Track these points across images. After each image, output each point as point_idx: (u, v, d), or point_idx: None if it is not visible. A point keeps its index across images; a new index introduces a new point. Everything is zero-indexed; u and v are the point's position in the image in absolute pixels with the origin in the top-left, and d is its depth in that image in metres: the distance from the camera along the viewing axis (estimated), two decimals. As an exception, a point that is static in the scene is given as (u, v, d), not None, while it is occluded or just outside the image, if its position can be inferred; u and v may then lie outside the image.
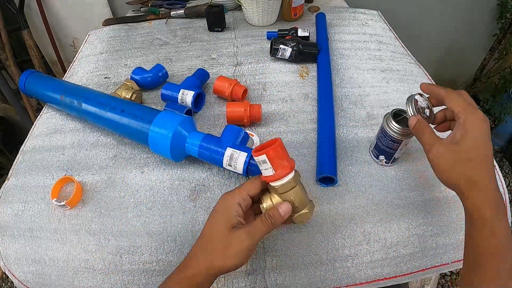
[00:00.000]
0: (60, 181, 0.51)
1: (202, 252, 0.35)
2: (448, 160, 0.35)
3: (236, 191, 0.37)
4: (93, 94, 0.57)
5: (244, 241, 0.33)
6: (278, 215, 0.35)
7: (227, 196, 0.36)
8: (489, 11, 1.38)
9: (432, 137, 0.37)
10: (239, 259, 0.34)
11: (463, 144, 0.34)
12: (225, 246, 0.33)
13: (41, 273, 0.45)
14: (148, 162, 0.54)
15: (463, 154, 0.34)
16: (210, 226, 0.35)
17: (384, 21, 0.93)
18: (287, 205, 0.36)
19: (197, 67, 0.71)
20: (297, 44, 0.72)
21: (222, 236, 0.34)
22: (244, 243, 0.33)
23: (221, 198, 0.37)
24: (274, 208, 0.35)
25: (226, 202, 0.36)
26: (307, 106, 0.63)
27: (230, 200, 0.36)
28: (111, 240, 0.45)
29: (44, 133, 0.61)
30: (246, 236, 0.33)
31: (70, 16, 1.21)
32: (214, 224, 0.35)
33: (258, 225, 0.34)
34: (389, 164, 0.51)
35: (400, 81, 0.69)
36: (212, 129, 0.59)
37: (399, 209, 0.47)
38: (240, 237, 0.33)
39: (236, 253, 0.33)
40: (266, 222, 0.35)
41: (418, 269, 0.44)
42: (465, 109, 0.35)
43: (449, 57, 1.55)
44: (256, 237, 0.34)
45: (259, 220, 0.35)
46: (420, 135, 0.38)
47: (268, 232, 0.35)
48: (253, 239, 0.34)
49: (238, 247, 0.33)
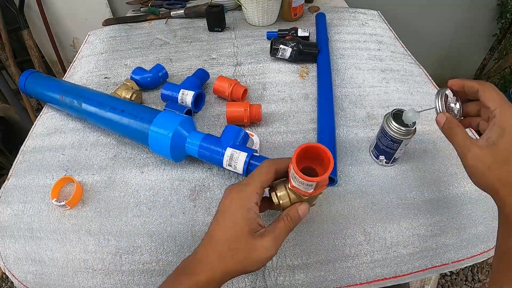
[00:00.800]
0: (60, 181, 0.51)
1: (217, 257, 0.31)
2: (486, 163, 0.32)
3: (250, 187, 0.32)
4: (93, 94, 0.57)
5: (271, 249, 0.31)
6: (298, 218, 0.32)
7: (242, 196, 0.32)
8: (489, 11, 1.38)
9: (467, 139, 0.34)
10: (262, 265, 0.31)
11: (501, 144, 0.31)
12: (248, 253, 0.30)
13: (41, 273, 0.44)
14: (148, 162, 0.54)
15: (500, 155, 0.31)
16: (225, 230, 0.31)
17: (384, 21, 0.93)
18: (306, 206, 0.33)
19: (197, 67, 0.71)
20: (297, 44, 0.71)
21: (244, 242, 0.30)
22: (270, 252, 0.31)
23: (231, 195, 0.32)
24: (294, 209, 0.33)
25: (242, 203, 0.31)
26: (307, 106, 0.63)
27: (246, 201, 0.31)
28: (111, 240, 0.45)
29: (44, 133, 0.61)
30: (273, 244, 0.31)
31: (70, 16, 1.21)
32: (231, 228, 0.31)
33: (281, 229, 0.32)
34: (389, 164, 0.51)
35: (400, 81, 0.69)
36: (212, 129, 0.59)
37: (399, 209, 0.47)
38: (266, 245, 0.31)
39: (260, 261, 0.31)
40: (288, 225, 0.32)
41: (418, 269, 0.44)
42: (501, 105, 0.32)
43: (449, 57, 1.55)
44: (281, 242, 0.32)
45: (282, 224, 0.32)
46: (451, 136, 0.35)
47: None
48: (278, 246, 0.31)
49: (264, 255, 0.30)
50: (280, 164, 0.33)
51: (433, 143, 0.55)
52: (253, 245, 0.30)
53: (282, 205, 0.33)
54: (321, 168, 0.32)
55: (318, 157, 0.31)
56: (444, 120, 0.36)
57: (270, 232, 0.31)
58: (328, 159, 0.30)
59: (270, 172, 0.33)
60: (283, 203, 0.33)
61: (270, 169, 0.33)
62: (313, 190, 0.30)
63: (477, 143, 0.33)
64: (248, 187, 0.32)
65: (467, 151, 0.33)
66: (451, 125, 0.35)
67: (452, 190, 0.49)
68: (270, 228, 0.32)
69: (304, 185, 0.30)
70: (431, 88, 0.67)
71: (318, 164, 0.33)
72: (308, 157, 0.32)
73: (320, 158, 0.31)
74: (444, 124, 0.36)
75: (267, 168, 0.33)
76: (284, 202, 0.33)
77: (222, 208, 0.32)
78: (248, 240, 0.30)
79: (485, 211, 0.47)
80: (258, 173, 0.33)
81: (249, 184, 0.32)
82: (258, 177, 0.32)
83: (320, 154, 0.31)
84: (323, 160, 0.31)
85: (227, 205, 0.32)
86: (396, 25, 0.92)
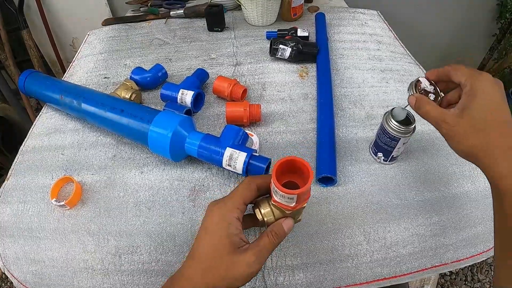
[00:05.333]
0: (59, 181, 0.51)
1: (200, 274, 0.30)
2: (460, 131, 0.32)
3: (231, 202, 0.32)
4: (92, 94, 0.57)
5: (254, 265, 0.30)
6: (283, 233, 0.32)
7: (223, 211, 0.31)
8: (489, 11, 1.38)
9: (438, 111, 0.34)
10: (246, 281, 0.30)
11: (473, 109, 0.31)
12: (230, 269, 0.30)
13: (40, 273, 0.44)
14: (147, 162, 0.54)
15: (474, 121, 0.31)
16: (206, 246, 0.31)
17: (384, 21, 0.93)
18: (290, 222, 0.32)
19: (197, 67, 0.71)
20: (296, 44, 0.71)
21: (225, 258, 0.30)
22: (253, 268, 0.30)
23: (212, 211, 0.32)
24: (278, 224, 0.32)
25: (223, 218, 0.31)
26: (307, 106, 0.63)
27: (227, 216, 0.31)
28: (110, 240, 0.45)
29: (44, 133, 0.61)
30: (256, 259, 0.30)
31: (70, 16, 1.21)
32: (211, 246, 0.30)
33: (266, 245, 0.31)
34: (387, 162, 0.51)
35: (400, 81, 0.69)
36: (211, 129, 0.59)
37: (398, 209, 0.47)
38: (249, 261, 0.30)
39: (243, 277, 0.30)
40: (273, 241, 0.31)
41: (418, 269, 0.44)
42: (471, 75, 0.32)
43: (448, 57, 1.55)
44: (265, 258, 0.31)
45: (266, 239, 0.31)
46: (425, 114, 0.36)
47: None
48: (262, 262, 0.30)
49: (247, 271, 0.30)
50: (263, 179, 0.33)
51: (433, 143, 0.55)
52: (235, 261, 0.29)
53: (266, 222, 0.33)
54: (301, 181, 0.32)
55: (298, 170, 0.31)
56: (415, 100, 0.37)
57: (253, 247, 0.30)
58: (307, 171, 0.29)
59: (251, 188, 0.32)
60: (268, 220, 0.33)
61: (251, 185, 0.32)
62: (295, 204, 0.30)
63: (450, 112, 0.34)
64: (229, 202, 0.32)
65: (442, 122, 0.34)
66: (421, 103, 0.36)
67: (452, 190, 0.49)
68: (253, 244, 0.31)
69: (285, 198, 0.30)
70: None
71: (298, 178, 0.33)
72: (289, 171, 0.32)
73: (300, 171, 0.31)
74: (415, 104, 0.37)
75: (248, 184, 0.32)
76: (269, 219, 0.33)
77: (204, 224, 0.32)
78: (229, 256, 0.30)
79: (484, 211, 0.47)
80: (240, 189, 0.32)
81: (230, 199, 0.32)
82: (240, 192, 0.32)
83: (300, 167, 0.31)
84: (303, 173, 0.31)
85: (208, 222, 0.32)
86: (396, 25, 0.92)
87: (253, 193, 0.32)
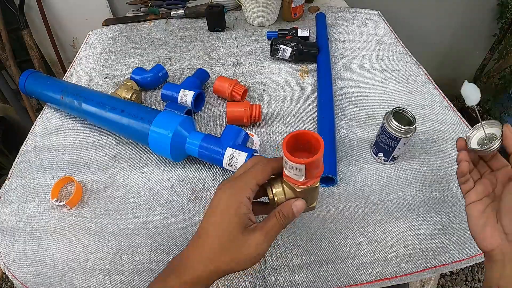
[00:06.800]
0: (60, 181, 0.51)
1: (206, 255, 0.29)
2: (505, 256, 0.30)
3: (243, 182, 0.30)
4: (93, 94, 0.57)
5: (262, 245, 0.29)
6: (292, 215, 0.31)
7: (235, 190, 0.30)
8: (489, 11, 1.38)
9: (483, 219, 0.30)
10: (253, 263, 0.30)
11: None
12: (238, 249, 0.29)
13: (41, 273, 0.44)
14: (148, 162, 0.54)
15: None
16: (215, 226, 0.30)
17: (384, 21, 0.93)
18: (301, 203, 0.31)
19: (197, 67, 0.71)
20: (297, 44, 0.71)
21: (234, 238, 0.29)
22: (261, 248, 0.29)
23: (223, 190, 0.31)
24: (288, 205, 0.31)
25: (233, 198, 0.30)
26: (307, 106, 0.63)
27: (238, 196, 0.30)
28: (111, 240, 0.45)
29: (44, 133, 0.61)
30: (264, 239, 0.29)
31: (70, 16, 1.21)
32: (221, 224, 0.29)
33: (274, 225, 0.30)
34: (387, 162, 0.51)
35: (400, 81, 0.69)
36: (212, 129, 0.59)
37: (399, 209, 0.47)
38: (257, 241, 0.29)
39: (251, 258, 0.29)
40: (280, 222, 0.30)
41: (418, 269, 0.44)
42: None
43: (449, 57, 1.55)
44: (272, 239, 0.30)
45: (274, 220, 0.30)
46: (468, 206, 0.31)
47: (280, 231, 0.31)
48: (270, 243, 0.30)
49: (255, 252, 0.29)
50: (279, 163, 0.32)
51: (433, 143, 0.55)
52: (244, 241, 0.29)
53: (277, 201, 0.32)
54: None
55: (310, 145, 0.30)
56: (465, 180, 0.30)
57: (262, 227, 0.30)
58: (317, 143, 0.28)
59: (266, 170, 0.31)
60: (278, 200, 0.32)
61: (267, 168, 0.31)
62: (304, 178, 0.29)
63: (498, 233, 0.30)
64: (241, 182, 0.30)
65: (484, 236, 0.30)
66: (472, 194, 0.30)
67: (452, 190, 0.49)
68: (261, 224, 0.30)
69: (294, 170, 0.28)
70: (431, 88, 0.68)
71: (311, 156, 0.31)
72: (301, 149, 0.30)
73: (313, 147, 0.30)
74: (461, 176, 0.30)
75: (264, 166, 0.31)
76: (279, 198, 0.32)
77: (213, 204, 0.31)
78: (238, 235, 0.29)
79: (485, 211, 0.47)
80: (255, 169, 0.31)
81: (243, 179, 0.30)
82: (254, 174, 0.30)
83: (311, 141, 0.29)
84: (315, 148, 0.29)
85: (219, 200, 0.30)
86: (396, 25, 0.92)
87: (267, 175, 0.31)
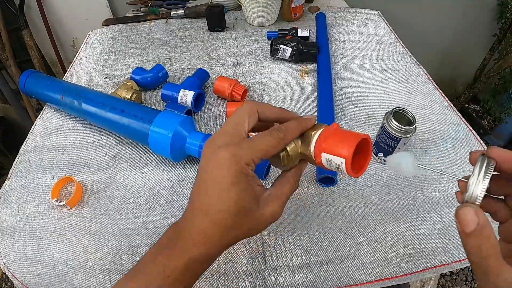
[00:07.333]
0: (60, 181, 0.51)
1: (219, 236, 0.25)
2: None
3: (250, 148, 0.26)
4: (93, 94, 0.57)
5: (277, 214, 0.27)
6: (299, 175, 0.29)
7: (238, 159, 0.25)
8: (489, 11, 1.38)
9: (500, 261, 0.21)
10: (265, 228, 0.27)
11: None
12: (255, 225, 0.26)
13: (41, 273, 0.44)
14: (148, 162, 0.54)
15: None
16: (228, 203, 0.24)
17: (384, 21, 0.93)
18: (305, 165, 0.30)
19: (197, 67, 0.71)
20: (297, 44, 0.72)
21: (252, 216, 0.26)
22: (276, 216, 0.27)
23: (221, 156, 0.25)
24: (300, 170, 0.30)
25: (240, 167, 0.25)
26: (307, 106, 0.63)
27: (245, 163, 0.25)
28: (111, 240, 0.45)
29: (44, 133, 0.61)
30: (279, 207, 0.27)
31: (70, 16, 1.21)
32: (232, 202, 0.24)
33: (287, 192, 0.28)
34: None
35: (400, 81, 0.69)
36: (212, 129, 0.59)
37: (399, 209, 0.47)
38: (273, 211, 0.27)
39: (267, 225, 0.27)
40: (294, 187, 0.29)
41: (418, 269, 0.44)
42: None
43: (449, 57, 1.55)
44: (286, 203, 0.28)
45: (289, 186, 0.28)
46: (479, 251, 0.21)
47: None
48: (284, 206, 0.28)
49: (270, 221, 0.27)
50: (264, 109, 0.28)
51: (433, 143, 0.55)
52: (261, 215, 0.26)
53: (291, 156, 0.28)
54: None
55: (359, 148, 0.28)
56: (475, 224, 0.21)
57: (276, 194, 0.27)
58: (368, 148, 0.27)
59: (278, 147, 0.27)
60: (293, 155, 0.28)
61: (280, 144, 0.27)
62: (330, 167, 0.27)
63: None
64: (246, 147, 0.26)
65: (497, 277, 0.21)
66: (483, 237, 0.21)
67: (452, 190, 0.49)
68: (275, 191, 0.28)
69: (334, 167, 0.27)
70: (431, 88, 0.67)
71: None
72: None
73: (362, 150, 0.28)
74: (475, 231, 0.21)
75: (278, 142, 0.27)
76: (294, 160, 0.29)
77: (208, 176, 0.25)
78: (256, 211, 0.26)
79: (485, 211, 0.47)
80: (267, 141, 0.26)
81: (249, 144, 0.26)
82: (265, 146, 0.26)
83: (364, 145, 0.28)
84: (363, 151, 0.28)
85: (218, 169, 0.25)
86: (396, 25, 0.92)
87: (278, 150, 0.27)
